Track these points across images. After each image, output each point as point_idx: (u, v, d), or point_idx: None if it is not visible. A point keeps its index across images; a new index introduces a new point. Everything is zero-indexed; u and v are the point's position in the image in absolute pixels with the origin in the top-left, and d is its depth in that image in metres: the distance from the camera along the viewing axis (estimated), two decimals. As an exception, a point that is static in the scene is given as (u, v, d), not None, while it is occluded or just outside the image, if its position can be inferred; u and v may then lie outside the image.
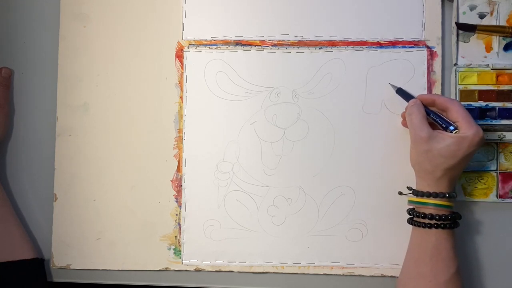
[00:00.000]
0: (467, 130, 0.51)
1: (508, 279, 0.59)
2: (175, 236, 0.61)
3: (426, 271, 0.52)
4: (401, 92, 0.58)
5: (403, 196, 0.57)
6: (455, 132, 0.52)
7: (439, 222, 0.52)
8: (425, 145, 0.52)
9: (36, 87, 0.63)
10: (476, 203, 0.60)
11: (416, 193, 0.54)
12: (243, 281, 0.60)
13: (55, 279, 0.62)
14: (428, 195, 0.53)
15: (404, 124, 0.58)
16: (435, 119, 0.54)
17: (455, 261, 0.52)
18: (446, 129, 0.53)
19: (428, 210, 0.53)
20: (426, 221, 0.53)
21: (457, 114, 0.52)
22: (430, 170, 0.52)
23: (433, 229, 0.52)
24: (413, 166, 0.55)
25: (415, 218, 0.54)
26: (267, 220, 0.60)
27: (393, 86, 0.59)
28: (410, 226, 0.55)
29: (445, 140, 0.52)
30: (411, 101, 0.56)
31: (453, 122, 0.53)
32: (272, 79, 0.61)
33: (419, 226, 0.53)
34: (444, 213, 0.52)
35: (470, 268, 0.59)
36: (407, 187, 0.56)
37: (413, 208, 0.55)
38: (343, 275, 0.60)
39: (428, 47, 0.60)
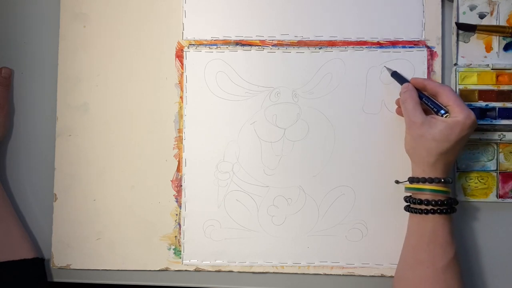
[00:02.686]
0: (458, 113, 0.52)
1: (508, 279, 0.59)
2: (175, 236, 0.61)
3: (424, 258, 0.52)
4: (395, 75, 0.58)
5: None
6: (446, 116, 0.52)
7: (435, 208, 0.52)
8: (419, 130, 0.52)
9: (36, 87, 0.63)
10: (476, 203, 0.60)
11: (412, 179, 0.54)
12: (243, 281, 0.60)
13: (55, 279, 0.62)
14: (424, 180, 0.53)
15: (399, 112, 0.59)
16: (427, 103, 0.54)
17: (452, 247, 0.52)
18: (437, 112, 0.53)
19: (424, 196, 0.53)
20: (423, 207, 0.53)
21: (447, 98, 0.53)
22: (424, 155, 0.53)
23: (430, 215, 0.52)
24: (408, 151, 0.55)
25: (412, 205, 0.54)
26: (267, 220, 0.60)
27: (388, 69, 0.59)
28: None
29: (437, 125, 0.52)
30: (403, 86, 0.56)
31: (445, 106, 0.53)
32: (272, 79, 0.61)
33: (416, 212, 0.53)
34: (440, 198, 0.52)
35: (470, 268, 0.59)
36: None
37: (410, 195, 0.55)
38: (343, 275, 0.60)
39: (428, 47, 0.60)
